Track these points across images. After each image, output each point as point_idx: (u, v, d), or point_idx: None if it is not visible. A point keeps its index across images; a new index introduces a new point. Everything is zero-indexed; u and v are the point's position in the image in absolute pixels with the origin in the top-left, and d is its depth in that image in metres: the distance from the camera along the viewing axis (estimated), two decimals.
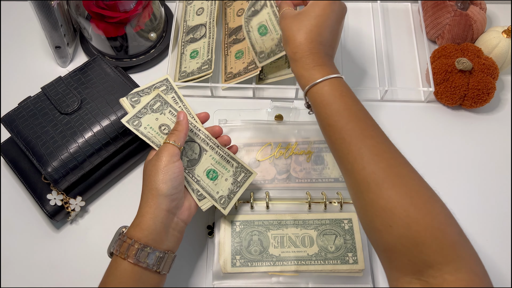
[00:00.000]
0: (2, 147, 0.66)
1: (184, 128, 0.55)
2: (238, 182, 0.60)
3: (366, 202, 0.46)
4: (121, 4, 0.69)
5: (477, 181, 0.67)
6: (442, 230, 0.41)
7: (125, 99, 0.59)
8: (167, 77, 0.62)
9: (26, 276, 0.62)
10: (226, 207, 0.58)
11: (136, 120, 0.57)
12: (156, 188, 0.51)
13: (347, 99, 0.50)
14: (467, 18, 0.72)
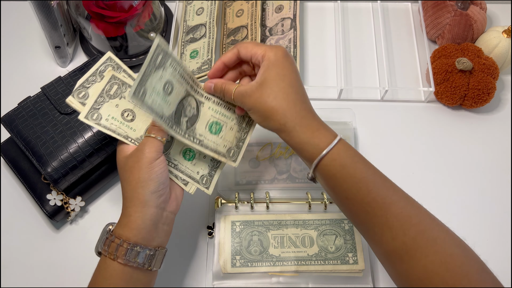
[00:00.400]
0: (2, 147, 0.66)
1: None
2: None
3: (399, 273, 0.45)
4: (121, 4, 0.69)
5: (477, 181, 0.67)
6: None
7: (72, 98, 0.51)
8: (110, 55, 0.53)
9: (26, 276, 0.62)
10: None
11: (95, 113, 0.50)
12: (142, 186, 0.48)
13: (359, 165, 0.47)
14: (467, 18, 0.72)
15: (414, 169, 0.68)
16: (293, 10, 0.75)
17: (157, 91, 0.47)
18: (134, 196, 0.48)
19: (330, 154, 0.46)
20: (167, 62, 0.48)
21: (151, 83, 0.46)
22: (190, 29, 0.77)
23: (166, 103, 0.49)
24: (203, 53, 0.73)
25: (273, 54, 0.49)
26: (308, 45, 0.79)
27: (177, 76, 0.50)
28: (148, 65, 0.46)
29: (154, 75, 0.47)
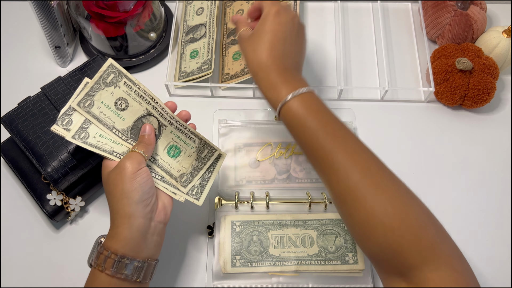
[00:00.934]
0: (2, 147, 0.66)
1: (152, 142, 0.54)
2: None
3: (345, 214, 0.48)
4: (121, 4, 0.69)
5: (477, 181, 0.67)
6: (417, 234, 0.43)
7: (57, 126, 0.53)
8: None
9: (26, 276, 0.62)
10: (199, 197, 0.56)
11: (83, 132, 0.53)
12: (126, 197, 0.48)
13: (319, 114, 0.50)
14: (468, 18, 0.72)
15: (414, 169, 0.68)
16: (293, 10, 0.75)
17: (106, 105, 0.53)
18: (120, 208, 0.48)
19: (296, 98, 0.50)
20: (120, 81, 0.53)
21: (100, 97, 0.53)
22: (190, 29, 0.77)
23: (119, 117, 0.54)
24: (203, 53, 0.73)
25: (267, 9, 0.55)
26: (308, 45, 0.79)
27: (133, 95, 0.54)
28: (96, 82, 0.53)
29: (103, 91, 0.53)
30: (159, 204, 0.52)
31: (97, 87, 0.53)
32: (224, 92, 0.74)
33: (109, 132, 0.53)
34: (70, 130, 0.52)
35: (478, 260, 0.61)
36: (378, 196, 0.45)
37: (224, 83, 0.72)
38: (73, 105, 0.52)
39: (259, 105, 0.73)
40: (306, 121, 0.50)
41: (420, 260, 0.42)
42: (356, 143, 0.49)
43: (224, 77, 0.73)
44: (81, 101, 0.52)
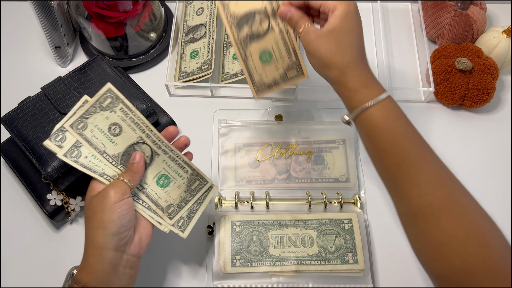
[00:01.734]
0: (2, 147, 0.66)
1: (140, 171, 0.52)
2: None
3: (420, 232, 0.45)
4: (121, 4, 0.69)
5: (477, 181, 0.67)
6: (498, 263, 0.41)
7: (49, 142, 0.52)
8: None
9: (26, 276, 0.62)
10: (185, 229, 0.54)
11: (75, 151, 0.52)
12: (103, 227, 0.47)
13: (401, 121, 0.48)
14: (467, 18, 0.72)
15: None
16: None
17: (99, 128, 0.52)
18: (94, 238, 0.47)
19: (377, 105, 0.48)
20: (116, 107, 0.53)
21: (94, 121, 0.52)
22: (190, 29, 0.77)
23: (111, 142, 0.53)
24: (203, 53, 0.73)
25: (346, 6, 0.50)
26: None
27: (128, 121, 0.53)
28: (92, 105, 0.52)
29: (98, 114, 0.52)
30: (135, 237, 0.50)
31: (93, 110, 0.52)
32: (224, 92, 0.74)
33: (100, 156, 0.52)
34: (62, 147, 0.51)
35: None
36: (461, 217, 0.43)
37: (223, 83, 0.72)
38: (65, 126, 0.52)
39: (259, 105, 0.73)
40: (388, 129, 0.47)
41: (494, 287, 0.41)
42: (437, 156, 0.47)
43: (224, 77, 0.73)
44: (74, 122, 0.52)
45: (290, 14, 0.53)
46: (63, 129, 0.52)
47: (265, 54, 0.54)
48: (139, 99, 0.65)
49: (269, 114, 0.70)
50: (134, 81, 0.74)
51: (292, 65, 0.56)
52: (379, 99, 0.48)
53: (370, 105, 0.48)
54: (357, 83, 0.49)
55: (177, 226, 0.54)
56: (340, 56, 0.49)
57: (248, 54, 0.54)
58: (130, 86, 0.66)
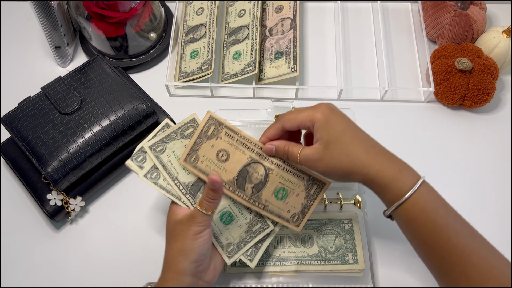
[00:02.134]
0: (2, 147, 0.66)
1: (220, 196, 0.50)
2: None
3: None
4: (121, 4, 0.69)
5: (477, 181, 0.67)
6: None
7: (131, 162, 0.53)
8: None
9: (26, 276, 0.62)
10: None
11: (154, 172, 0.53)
12: (184, 254, 0.48)
13: (440, 211, 0.46)
14: (467, 18, 0.72)
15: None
16: (293, 10, 0.75)
17: (176, 155, 0.54)
18: (174, 263, 0.49)
19: (411, 198, 0.46)
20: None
21: (172, 146, 0.54)
22: (190, 29, 0.77)
23: (184, 170, 0.54)
24: (203, 53, 0.73)
25: (321, 114, 0.49)
26: (308, 45, 0.79)
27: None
28: (174, 131, 0.54)
29: (177, 141, 0.54)
30: (210, 265, 0.52)
31: (173, 136, 0.54)
32: (224, 92, 0.74)
33: (171, 183, 0.53)
34: (143, 168, 0.53)
35: None
36: None
37: (223, 82, 0.72)
38: (145, 146, 0.53)
39: (259, 105, 0.73)
40: (428, 222, 0.45)
41: None
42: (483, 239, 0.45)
43: (224, 77, 0.73)
44: (153, 144, 0.53)
45: (275, 149, 0.53)
46: (143, 150, 0.54)
47: (279, 193, 0.54)
48: (139, 99, 0.65)
49: (269, 114, 0.70)
50: (134, 81, 0.74)
51: (309, 184, 0.55)
52: (413, 191, 0.46)
53: (404, 200, 0.46)
54: (384, 178, 0.47)
55: (246, 256, 0.55)
56: (352, 161, 0.48)
57: (264, 203, 0.54)
58: (130, 86, 0.67)
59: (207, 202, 0.49)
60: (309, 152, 0.50)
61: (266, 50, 0.74)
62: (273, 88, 0.74)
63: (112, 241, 0.64)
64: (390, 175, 0.47)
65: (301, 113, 0.50)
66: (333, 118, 0.49)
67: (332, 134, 0.48)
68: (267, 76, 0.72)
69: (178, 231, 0.50)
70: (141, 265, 0.62)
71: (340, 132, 0.48)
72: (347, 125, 0.49)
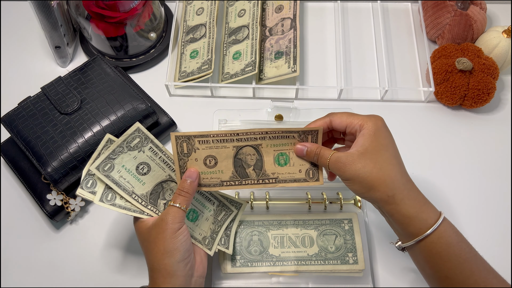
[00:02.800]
0: (2, 147, 0.66)
1: (193, 191, 0.51)
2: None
3: None
4: (121, 4, 0.69)
5: (477, 181, 0.67)
6: None
7: (81, 190, 0.51)
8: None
9: (26, 276, 0.62)
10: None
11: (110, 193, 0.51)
12: (168, 256, 0.48)
13: (463, 245, 0.46)
14: (467, 18, 0.72)
15: (414, 169, 0.68)
16: (293, 10, 0.75)
17: (127, 169, 0.52)
18: (161, 268, 0.48)
19: (437, 231, 0.46)
20: (145, 146, 0.52)
21: (121, 161, 0.52)
22: (190, 29, 0.77)
23: (139, 182, 0.52)
24: (203, 53, 0.73)
25: (373, 123, 0.48)
26: (308, 45, 0.79)
27: (157, 160, 0.53)
28: (119, 145, 0.51)
29: (125, 154, 0.52)
30: (197, 259, 0.52)
31: (120, 150, 0.52)
32: (224, 92, 0.74)
33: (129, 198, 0.52)
34: (95, 193, 0.51)
35: None
36: None
37: (223, 82, 0.72)
38: (91, 169, 0.50)
39: (259, 105, 0.73)
40: (452, 256, 0.45)
41: None
42: (500, 276, 0.46)
43: (224, 77, 0.73)
44: (100, 164, 0.51)
45: (306, 149, 0.52)
46: (91, 173, 0.51)
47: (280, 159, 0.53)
48: (139, 99, 0.65)
49: (269, 114, 0.70)
50: (134, 81, 0.74)
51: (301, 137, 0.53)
52: (439, 223, 0.46)
53: (430, 233, 0.46)
54: (410, 207, 0.46)
55: (221, 245, 0.55)
56: (383, 177, 0.46)
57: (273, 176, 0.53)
58: (130, 86, 0.67)
59: (181, 196, 0.50)
60: (343, 155, 0.48)
61: (266, 50, 0.74)
62: (273, 88, 0.74)
63: (112, 241, 0.64)
64: (416, 206, 0.47)
65: (353, 116, 0.50)
66: (381, 131, 0.48)
67: (374, 145, 0.47)
68: (267, 76, 0.72)
69: (155, 234, 0.49)
70: (141, 265, 0.62)
71: (382, 145, 0.48)
72: (391, 143, 0.49)
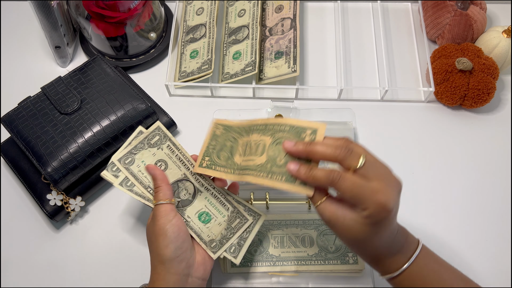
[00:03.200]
0: (2, 147, 0.66)
1: (164, 180, 0.52)
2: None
3: None
4: (121, 4, 0.69)
5: (477, 181, 0.67)
6: None
7: (106, 172, 0.54)
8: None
9: (26, 276, 0.62)
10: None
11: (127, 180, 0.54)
12: (159, 253, 0.48)
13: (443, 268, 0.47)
14: (467, 18, 0.72)
15: (414, 169, 0.68)
16: (293, 10, 0.75)
17: (146, 164, 0.55)
18: (155, 264, 0.49)
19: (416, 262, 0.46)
20: (163, 144, 0.56)
21: (141, 156, 0.55)
22: (190, 29, 0.77)
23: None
24: (203, 53, 0.73)
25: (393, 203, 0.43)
26: (308, 45, 0.79)
27: (174, 158, 0.56)
28: (141, 141, 0.55)
29: (145, 150, 0.55)
30: (197, 259, 0.51)
31: (141, 147, 0.55)
32: (224, 92, 0.74)
33: (145, 191, 0.54)
34: (118, 177, 0.54)
35: (478, 259, 0.61)
36: None
37: (223, 82, 0.72)
38: (113, 160, 0.54)
39: (259, 105, 0.73)
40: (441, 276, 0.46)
41: None
42: None
43: (224, 77, 0.73)
44: (122, 157, 0.54)
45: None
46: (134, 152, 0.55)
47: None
48: (139, 99, 0.65)
49: (269, 114, 0.70)
50: (134, 81, 0.74)
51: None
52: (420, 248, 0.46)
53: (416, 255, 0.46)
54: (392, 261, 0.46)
55: (229, 253, 0.54)
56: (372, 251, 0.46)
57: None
58: (130, 86, 0.66)
59: (158, 192, 0.51)
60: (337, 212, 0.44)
61: (266, 50, 0.74)
62: (273, 88, 0.74)
63: (112, 241, 0.64)
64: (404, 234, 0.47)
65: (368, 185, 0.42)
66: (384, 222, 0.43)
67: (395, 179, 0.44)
68: (267, 76, 0.72)
69: (149, 233, 0.51)
70: (141, 265, 0.62)
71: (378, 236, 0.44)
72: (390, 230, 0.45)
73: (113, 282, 0.61)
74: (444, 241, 0.63)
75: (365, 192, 0.41)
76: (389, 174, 0.43)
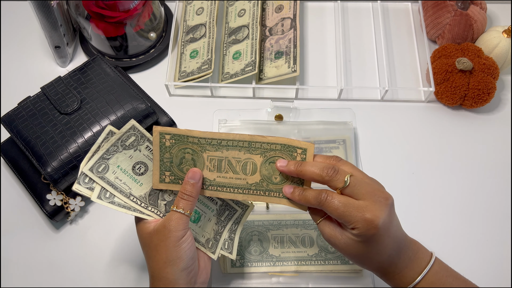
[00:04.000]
0: (2, 147, 0.66)
1: (196, 193, 0.47)
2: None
3: None
4: (121, 4, 0.69)
5: (477, 181, 0.67)
6: None
7: (78, 185, 0.48)
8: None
9: (26, 276, 0.62)
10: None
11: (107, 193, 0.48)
12: (171, 265, 0.45)
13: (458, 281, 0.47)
14: (468, 18, 0.72)
15: (414, 169, 0.68)
16: (293, 10, 0.75)
17: (123, 169, 0.49)
18: (163, 276, 0.46)
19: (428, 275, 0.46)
20: (141, 145, 0.49)
21: (116, 161, 0.48)
22: (190, 29, 0.77)
23: (136, 183, 0.49)
24: (203, 53, 0.73)
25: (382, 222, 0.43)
26: (308, 45, 0.79)
27: None
28: (114, 144, 0.48)
29: (120, 154, 0.48)
30: (200, 265, 0.50)
31: (114, 150, 0.48)
32: (224, 92, 0.74)
33: (127, 200, 0.48)
34: (93, 189, 0.48)
35: (478, 259, 0.61)
36: None
37: (223, 82, 0.72)
38: (84, 170, 0.47)
39: (259, 105, 0.73)
40: None
41: None
42: None
43: (224, 77, 0.73)
44: (94, 165, 0.47)
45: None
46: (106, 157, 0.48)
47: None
48: (139, 99, 0.65)
49: (269, 114, 0.70)
50: (134, 81, 0.74)
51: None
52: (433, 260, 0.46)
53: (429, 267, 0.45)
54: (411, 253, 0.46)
55: (224, 249, 0.53)
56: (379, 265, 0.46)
57: None
58: (130, 86, 0.66)
59: (184, 200, 0.47)
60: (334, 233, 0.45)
61: (266, 50, 0.74)
62: (273, 88, 0.73)
63: (112, 241, 0.64)
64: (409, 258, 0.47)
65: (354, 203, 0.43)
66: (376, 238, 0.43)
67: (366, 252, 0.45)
68: (267, 76, 0.72)
69: (156, 241, 0.46)
70: (141, 265, 0.62)
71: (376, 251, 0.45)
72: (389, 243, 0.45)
73: (112, 282, 0.61)
74: (444, 241, 0.63)
75: (351, 211, 0.42)
76: (377, 190, 0.44)
